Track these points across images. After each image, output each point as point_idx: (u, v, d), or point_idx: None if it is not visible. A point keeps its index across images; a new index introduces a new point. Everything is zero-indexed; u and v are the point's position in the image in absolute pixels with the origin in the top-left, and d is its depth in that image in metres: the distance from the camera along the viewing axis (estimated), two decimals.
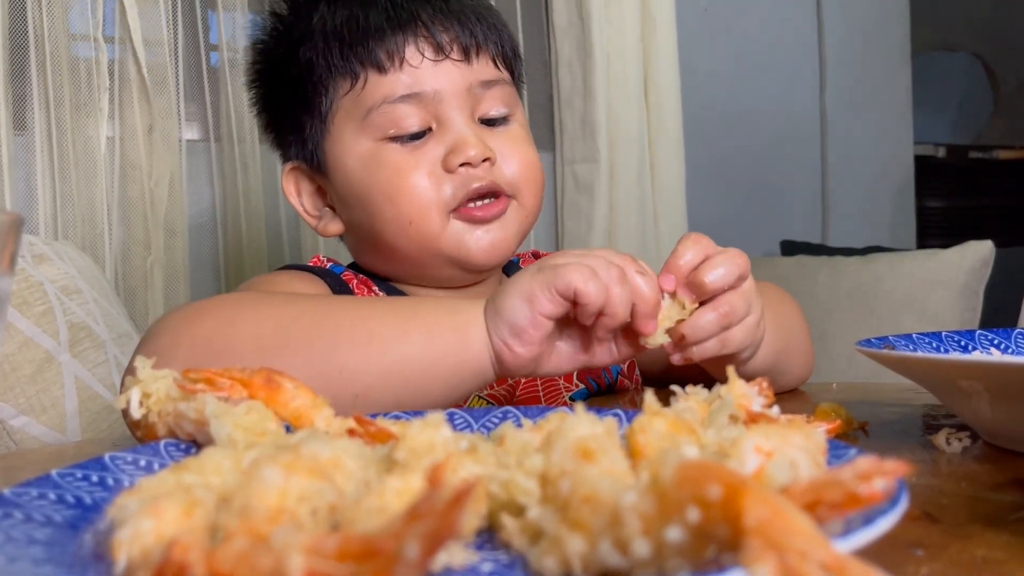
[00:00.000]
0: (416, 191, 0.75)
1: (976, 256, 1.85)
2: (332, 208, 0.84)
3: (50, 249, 1.16)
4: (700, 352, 0.62)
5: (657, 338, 0.60)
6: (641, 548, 0.24)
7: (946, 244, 1.93)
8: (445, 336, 0.59)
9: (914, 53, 2.82)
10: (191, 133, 1.56)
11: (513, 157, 0.79)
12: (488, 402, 0.80)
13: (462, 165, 0.75)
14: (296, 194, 0.85)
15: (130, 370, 0.56)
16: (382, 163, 0.77)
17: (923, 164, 2.96)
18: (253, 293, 0.69)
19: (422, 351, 0.59)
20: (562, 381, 0.84)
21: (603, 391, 0.86)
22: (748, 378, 0.65)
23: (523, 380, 0.81)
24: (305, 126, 0.81)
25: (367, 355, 0.58)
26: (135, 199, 1.43)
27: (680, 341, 0.62)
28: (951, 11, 3.73)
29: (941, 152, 3.47)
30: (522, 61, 0.87)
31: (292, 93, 0.81)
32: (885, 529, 0.26)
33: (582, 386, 0.85)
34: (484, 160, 0.76)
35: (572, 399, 0.83)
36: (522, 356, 0.58)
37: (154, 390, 0.43)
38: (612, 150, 1.93)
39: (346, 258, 0.89)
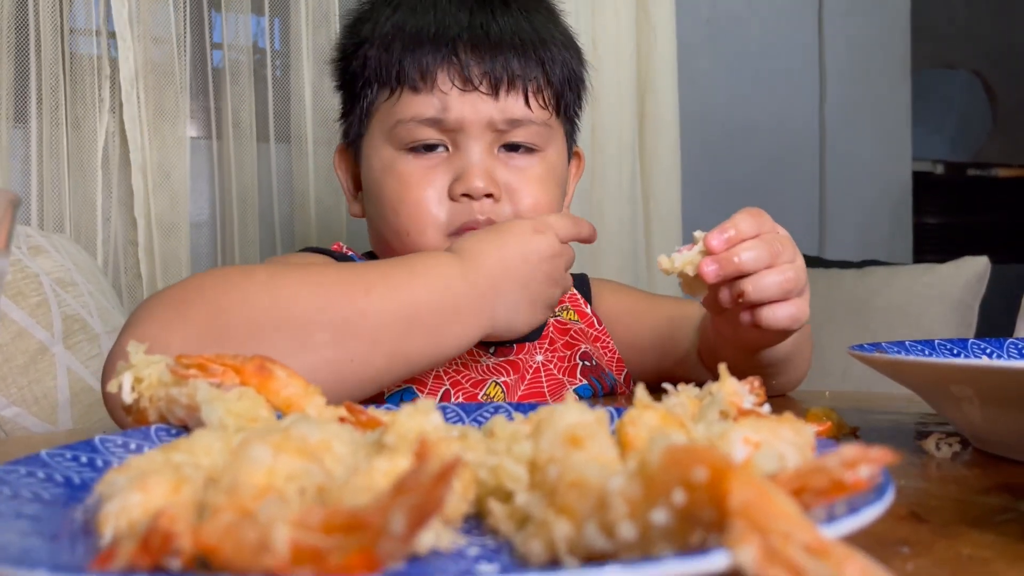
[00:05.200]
0: (417, 207, 0.78)
1: (971, 271, 1.85)
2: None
3: (47, 241, 1.16)
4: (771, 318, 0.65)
5: (671, 264, 0.63)
6: (627, 531, 0.24)
7: (942, 260, 1.93)
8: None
9: (914, 70, 2.83)
10: (192, 130, 1.57)
11: (527, 196, 0.80)
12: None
13: (464, 195, 0.77)
14: (343, 170, 0.91)
15: (117, 353, 0.57)
16: (395, 172, 0.80)
17: (921, 180, 2.97)
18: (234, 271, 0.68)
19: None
20: (566, 377, 0.85)
21: (604, 394, 0.87)
22: (768, 363, 0.72)
23: (527, 377, 0.83)
24: (353, 118, 0.86)
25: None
26: (134, 194, 1.43)
27: (739, 297, 0.64)
28: (952, 29, 3.75)
29: (939, 169, 3.49)
30: (579, 92, 0.87)
31: (349, 85, 0.86)
32: (872, 518, 0.26)
33: (585, 381, 0.86)
34: (488, 196, 0.77)
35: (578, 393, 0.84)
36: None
37: (146, 375, 0.43)
38: (598, 156, 1.91)
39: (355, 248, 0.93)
